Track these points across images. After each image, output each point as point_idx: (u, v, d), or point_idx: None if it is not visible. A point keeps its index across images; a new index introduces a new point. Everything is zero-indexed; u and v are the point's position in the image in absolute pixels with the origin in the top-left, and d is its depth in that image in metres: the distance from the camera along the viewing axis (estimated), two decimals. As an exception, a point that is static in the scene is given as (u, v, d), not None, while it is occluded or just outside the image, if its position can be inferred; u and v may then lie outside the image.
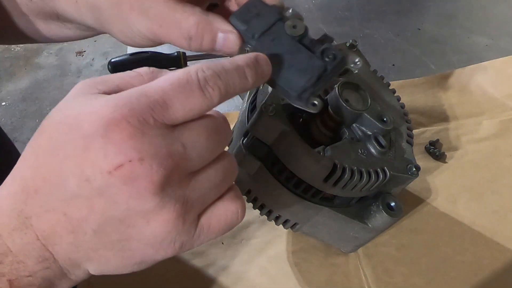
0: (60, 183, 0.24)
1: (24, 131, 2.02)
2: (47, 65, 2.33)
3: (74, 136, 0.23)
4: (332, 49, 0.32)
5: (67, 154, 0.24)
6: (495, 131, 0.67)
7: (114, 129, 0.22)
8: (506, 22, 0.89)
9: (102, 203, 0.24)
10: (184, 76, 0.24)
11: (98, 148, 0.23)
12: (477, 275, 0.52)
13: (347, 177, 0.39)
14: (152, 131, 0.23)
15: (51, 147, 0.24)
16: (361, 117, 0.43)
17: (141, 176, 0.23)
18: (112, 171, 0.23)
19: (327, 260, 0.53)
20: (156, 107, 0.23)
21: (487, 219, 0.57)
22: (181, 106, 0.24)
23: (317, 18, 0.91)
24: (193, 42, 0.32)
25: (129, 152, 0.23)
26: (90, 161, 0.23)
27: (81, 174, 0.23)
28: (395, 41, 0.85)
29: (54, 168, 0.24)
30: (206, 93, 0.25)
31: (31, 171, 0.25)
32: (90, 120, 0.23)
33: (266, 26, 0.33)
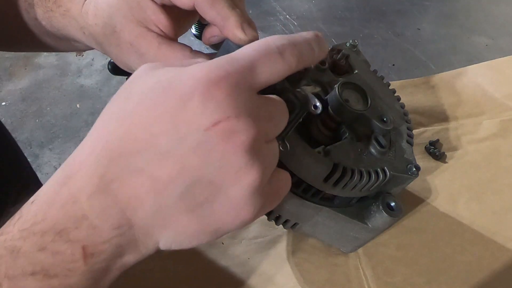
0: (150, 143, 0.24)
1: (24, 131, 2.02)
2: (47, 65, 2.33)
3: (170, 96, 0.24)
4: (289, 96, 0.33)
5: (160, 114, 0.24)
6: (495, 131, 0.67)
7: (213, 87, 0.23)
8: (506, 22, 0.89)
9: (195, 161, 0.24)
10: (264, 43, 0.27)
11: (195, 105, 0.23)
12: (477, 275, 0.52)
13: (347, 177, 0.39)
14: (245, 92, 0.25)
15: (142, 110, 0.24)
16: (361, 117, 0.43)
17: (238, 132, 0.24)
18: (210, 127, 0.23)
19: (327, 260, 0.53)
20: (246, 71, 0.25)
21: (487, 219, 0.57)
22: (265, 69, 0.26)
23: (317, 18, 0.91)
24: None
25: (227, 109, 0.24)
26: (186, 118, 0.23)
27: (176, 133, 0.24)
28: (395, 41, 0.85)
29: (145, 128, 0.24)
30: (284, 58, 0.27)
31: (115, 135, 0.25)
32: (187, 81, 0.24)
33: None
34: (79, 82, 2.24)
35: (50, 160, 1.90)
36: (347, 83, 0.44)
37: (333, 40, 0.85)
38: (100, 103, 2.12)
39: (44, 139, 1.98)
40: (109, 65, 0.75)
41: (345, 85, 0.43)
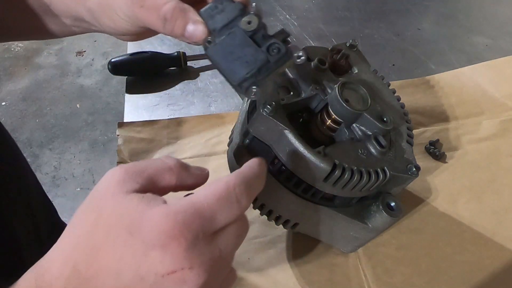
0: (115, 276, 0.28)
1: (24, 131, 2.02)
2: (47, 65, 2.33)
3: (135, 241, 0.28)
4: (277, 43, 0.35)
5: (126, 254, 0.28)
6: (495, 131, 0.67)
7: (172, 242, 0.27)
8: (506, 22, 0.89)
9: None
10: (226, 192, 0.30)
11: (156, 255, 0.28)
12: (477, 275, 0.52)
13: (347, 177, 0.39)
14: (201, 243, 0.29)
15: (110, 245, 0.28)
16: (361, 117, 0.43)
17: (189, 281, 0.28)
18: (165, 275, 0.28)
19: (327, 260, 0.53)
20: (206, 224, 0.29)
21: (487, 219, 0.57)
22: (223, 217, 0.30)
23: (317, 18, 0.91)
24: (167, 24, 0.37)
25: (182, 262, 0.28)
26: (147, 264, 0.28)
27: (137, 272, 0.28)
28: (395, 41, 0.85)
29: (112, 263, 0.28)
30: (241, 203, 0.31)
31: (85, 262, 0.28)
32: (151, 231, 0.28)
33: (226, 21, 0.37)
34: (79, 82, 2.24)
35: (50, 160, 1.90)
36: (347, 83, 0.44)
37: (333, 40, 0.85)
38: (100, 103, 2.12)
39: (44, 139, 1.98)
40: (109, 65, 0.75)
41: (345, 85, 0.43)
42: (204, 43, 0.38)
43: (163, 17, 0.37)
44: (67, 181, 1.82)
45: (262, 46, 0.36)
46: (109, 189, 0.30)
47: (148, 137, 0.66)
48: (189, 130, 0.67)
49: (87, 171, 1.85)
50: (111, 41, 2.34)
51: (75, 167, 1.87)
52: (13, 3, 0.48)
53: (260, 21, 0.36)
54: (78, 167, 1.87)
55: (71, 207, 1.71)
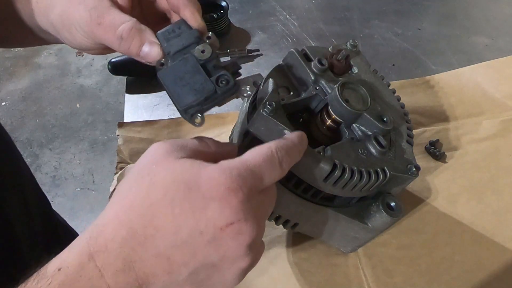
0: (173, 232, 0.29)
1: (24, 131, 2.02)
2: (47, 65, 2.33)
3: (193, 196, 0.29)
4: (226, 75, 0.36)
5: (184, 209, 0.29)
6: (495, 131, 0.67)
7: (231, 194, 0.29)
8: (506, 22, 0.89)
9: (206, 251, 0.29)
10: (270, 154, 0.33)
11: (214, 208, 0.29)
12: (477, 275, 0.52)
13: (347, 177, 0.39)
14: (253, 197, 0.31)
15: (167, 203, 0.29)
16: (361, 117, 0.43)
17: (244, 233, 0.30)
18: (223, 228, 0.29)
19: (327, 260, 0.53)
20: (257, 181, 0.31)
21: (487, 219, 0.57)
22: (269, 177, 0.32)
23: (317, 18, 0.91)
24: (123, 43, 0.39)
25: (239, 214, 0.29)
26: (206, 217, 0.29)
27: (197, 226, 0.29)
28: (395, 41, 0.85)
29: (170, 220, 0.29)
30: (282, 168, 0.33)
31: (142, 220, 0.29)
32: (209, 185, 0.29)
33: (181, 47, 0.38)
34: (79, 82, 2.24)
35: (50, 160, 1.90)
36: (347, 83, 0.44)
37: (333, 40, 0.85)
38: (100, 103, 2.12)
39: (44, 139, 1.98)
40: (109, 65, 0.75)
41: (345, 85, 0.43)
42: (157, 65, 0.39)
43: (119, 36, 0.38)
44: (67, 181, 1.82)
45: (212, 76, 0.37)
46: (159, 157, 0.32)
47: (148, 137, 0.66)
48: (189, 130, 0.67)
49: (87, 171, 1.85)
50: (111, 41, 2.33)
51: (75, 167, 1.87)
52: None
53: (214, 51, 0.37)
54: (78, 167, 1.87)
55: (71, 207, 1.71)
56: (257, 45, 0.84)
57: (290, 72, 0.47)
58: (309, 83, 0.45)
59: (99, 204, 1.69)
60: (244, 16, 0.91)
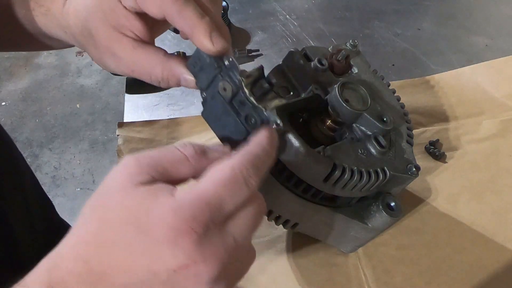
0: (127, 272, 0.28)
1: (24, 131, 2.02)
2: (47, 65, 2.33)
3: (145, 238, 0.28)
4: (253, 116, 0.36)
5: (137, 251, 0.28)
6: (495, 131, 0.67)
7: (183, 237, 0.28)
8: (506, 22, 0.89)
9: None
10: (232, 177, 0.30)
11: (167, 251, 0.28)
12: (477, 275, 0.52)
13: (347, 177, 0.39)
14: (212, 233, 0.29)
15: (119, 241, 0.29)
16: (361, 117, 0.43)
17: (202, 273, 0.28)
18: (177, 270, 0.28)
19: (327, 260, 0.53)
20: (215, 213, 0.29)
21: (487, 219, 0.57)
22: (232, 203, 0.29)
23: (317, 18, 0.91)
24: (162, 84, 0.40)
25: (194, 255, 0.28)
26: (159, 260, 0.28)
27: (149, 268, 0.28)
28: (395, 41, 0.85)
29: (123, 259, 0.28)
30: (249, 185, 0.30)
31: (97, 258, 0.29)
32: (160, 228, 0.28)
33: (208, 82, 0.38)
34: (79, 82, 2.24)
35: (50, 160, 1.90)
36: (347, 83, 0.44)
37: (333, 40, 0.85)
38: (100, 103, 2.12)
39: (44, 139, 1.98)
40: (109, 65, 0.75)
41: (345, 85, 0.43)
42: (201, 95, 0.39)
43: (156, 81, 0.40)
44: (67, 181, 1.82)
45: (242, 114, 0.36)
46: (118, 182, 0.30)
47: (148, 137, 0.66)
48: (189, 130, 0.67)
49: (87, 171, 1.85)
50: (111, 41, 2.33)
51: (75, 167, 1.87)
52: None
53: (234, 87, 0.36)
54: (78, 167, 1.87)
55: (71, 207, 1.71)
56: (257, 45, 0.84)
57: (290, 72, 0.47)
58: (309, 83, 0.45)
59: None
60: (244, 16, 0.91)
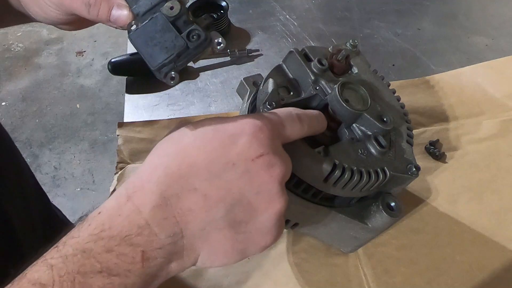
0: (206, 167, 0.30)
1: (24, 131, 2.02)
2: (47, 65, 2.33)
3: (222, 135, 0.31)
4: (197, 30, 0.36)
5: (215, 146, 0.30)
6: (495, 131, 0.67)
7: (257, 130, 0.31)
8: (506, 22, 0.89)
9: (241, 184, 0.30)
10: (287, 111, 0.36)
11: (244, 141, 0.30)
12: (477, 275, 0.52)
13: (347, 177, 0.39)
14: (277, 139, 0.32)
15: (198, 143, 0.31)
16: (361, 117, 0.43)
17: (275, 165, 0.31)
18: (255, 159, 0.30)
19: (327, 260, 0.53)
20: (278, 125, 0.33)
21: (487, 219, 0.57)
22: (290, 127, 0.34)
23: (317, 18, 0.91)
24: (91, 10, 0.38)
25: (268, 147, 0.31)
26: (236, 151, 0.30)
27: (228, 160, 0.30)
28: (395, 41, 0.85)
29: (202, 157, 0.30)
30: (302, 123, 0.36)
31: (175, 161, 0.30)
32: (236, 124, 0.31)
33: (150, 6, 0.38)
34: (79, 82, 2.24)
35: (50, 160, 1.90)
36: (347, 83, 0.44)
37: (333, 40, 0.85)
38: (100, 103, 2.12)
39: (44, 139, 1.98)
40: (109, 65, 0.75)
41: (345, 85, 0.43)
42: (128, 28, 0.38)
43: (87, 3, 0.38)
44: (67, 181, 1.82)
45: (183, 31, 0.36)
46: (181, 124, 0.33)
47: (148, 137, 0.66)
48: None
49: (87, 171, 1.85)
50: (111, 41, 2.33)
51: (75, 167, 1.87)
52: None
53: (183, 7, 0.37)
54: (78, 167, 1.87)
55: (71, 207, 1.71)
56: (257, 45, 0.84)
57: (290, 72, 0.47)
58: (309, 83, 0.45)
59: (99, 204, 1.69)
60: (244, 16, 0.91)
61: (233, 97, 0.72)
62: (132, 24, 0.38)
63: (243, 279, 0.51)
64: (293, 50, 0.47)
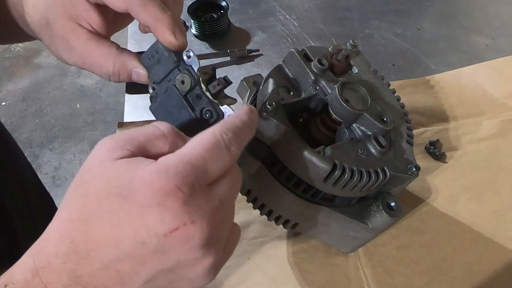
0: (115, 245, 0.27)
1: (24, 131, 2.02)
2: (47, 65, 2.33)
3: (129, 205, 0.27)
4: (209, 108, 0.37)
5: (122, 220, 0.27)
6: (495, 131, 0.67)
7: (169, 198, 0.26)
8: (506, 22, 0.89)
9: (155, 260, 0.27)
10: (213, 141, 0.30)
11: (154, 215, 0.26)
12: (477, 275, 0.52)
13: (347, 177, 0.39)
14: (198, 195, 0.28)
15: (103, 213, 0.27)
16: (361, 117, 0.43)
17: (194, 236, 0.27)
18: (168, 234, 0.27)
19: (327, 260, 0.53)
20: (200, 174, 0.28)
21: (487, 219, 0.57)
22: (215, 167, 0.29)
23: (317, 18, 0.91)
24: (112, 78, 0.40)
25: (183, 217, 0.27)
26: (146, 226, 0.27)
27: (137, 237, 0.27)
28: (395, 41, 0.85)
29: (109, 232, 0.27)
30: (231, 151, 0.30)
31: (82, 235, 0.28)
32: (145, 191, 0.27)
33: (163, 75, 0.38)
34: (79, 82, 2.24)
35: (50, 160, 1.90)
36: (347, 83, 0.44)
37: (333, 40, 0.85)
38: (100, 103, 2.12)
39: (44, 139, 1.98)
40: (109, 65, 0.75)
41: (345, 85, 0.43)
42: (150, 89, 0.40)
43: (106, 74, 0.40)
44: (67, 181, 1.82)
45: (196, 108, 0.37)
46: (97, 160, 0.30)
47: (148, 137, 0.66)
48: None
49: (87, 171, 1.85)
50: (111, 41, 2.33)
51: (75, 167, 1.87)
52: None
53: (193, 80, 0.37)
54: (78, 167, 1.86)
55: (71, 207, 1.71)
56: (257, 45, 0.84)
57: (290, 72, 0.47)
58: (309, 83, 0.45)
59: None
60: (244, 16, 0.91)
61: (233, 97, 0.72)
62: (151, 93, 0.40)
63: (243, 279, 0.51)
64: (293, 50, 0.47)
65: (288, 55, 0.48)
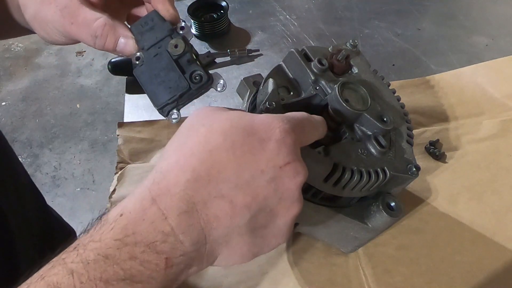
0: (236, 173, 0.29)
1: (24, 131, 2.02)
2: (47, 65, 2.33)
3: (252, 139, 0.30)
4: (200, 71, 0.37)
5: (245, 151, 0.30)
6: (495, 131, 0.67)
7: (286, 136, 0.31)
8: (506, 22, 0.89)
9: (267, 191, 0.30)
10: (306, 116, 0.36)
11: (272, 148, 0.30)
12: (477, 275, 0.52)
13: (347, 177, 0.39)
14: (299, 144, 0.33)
15: (228, 146, 0.30)
16: (361, 117, 0.43)
17: (299, 173, 0.31)
18: (282, 166, 0.30)
19: (327, 260, 0.53)
20: (301, 130, 0.33)
21: (487, 219, 0.57)
22: (308, 133, 0.35)
23: (317, 18, 0.91)
24: (98, 40, 0.39)
25: (294, 154, 0.31)
26: (266, 157, 0.30)
27: (257, 166, 0.30)
28: (395, 41, 0.85)
29: (232, 162, 0.30)
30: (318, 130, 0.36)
31: (204, 165, 0.30)
32: (265, 128, 0.31)
33: (155, 40, 0.39)
34: (79, 82, 2.24)
35: (50, 160, 1.90)
36: (347, 83, 0.44)
37: (333, 40, 0.85)
38: (100, 103, 2.12)
39: (44, 139, 1.98)
40: (109, 65, 0.75)
41: (345, 85, 0.43)
42: (133, 59, 0.39)
43: (94, 35, 0.39)
44: (67, 181, 1.82)
45: (186, 71, 0.37)
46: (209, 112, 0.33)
47: (148, 137, 0.66)
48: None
49: (87, 171, 1.85)
50: (111, 41, 2.33)
51: (75, 167, 1.87)
52: None
53: (187, 45, 0.38)
54: (78, 167, 1.87)
55: (71, 207, 1.71)
56: (257, 45, 0.84)
57: (290, 72, 0.47)
58: (309, 83, 0.45)
59: (98, 204, 1.69)
60: (244, 16, 0.91)
61: (233, 97, 0.72)
62: (137, 56, 0.39)
63: (243, 279, 0.51)
64: (293, 50, 0.47)
65: (288, 55, 0.48)
